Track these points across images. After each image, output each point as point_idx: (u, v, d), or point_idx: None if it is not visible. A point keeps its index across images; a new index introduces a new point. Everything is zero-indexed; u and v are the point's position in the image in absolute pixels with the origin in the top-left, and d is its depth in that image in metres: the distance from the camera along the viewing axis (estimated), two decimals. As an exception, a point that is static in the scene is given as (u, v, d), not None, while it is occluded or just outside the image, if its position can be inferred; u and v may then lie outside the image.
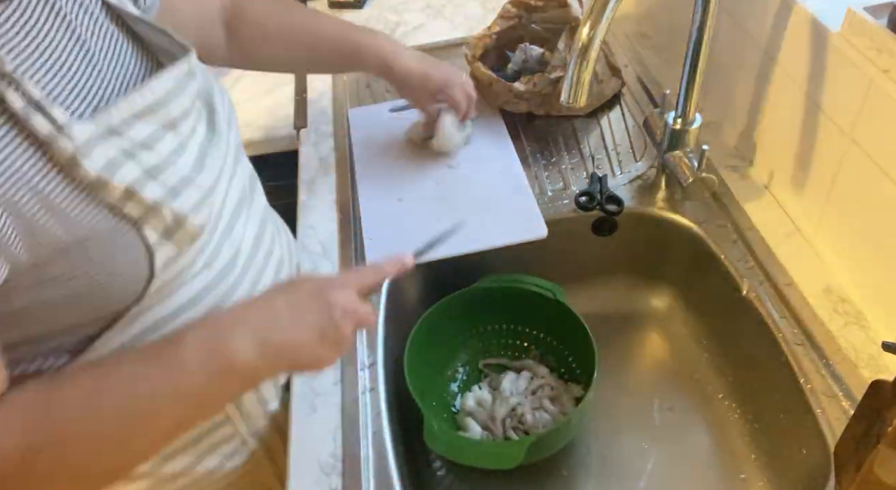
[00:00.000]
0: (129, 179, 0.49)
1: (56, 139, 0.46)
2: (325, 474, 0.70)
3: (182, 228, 0.53)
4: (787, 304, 0.78)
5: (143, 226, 0.51)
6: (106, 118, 0.50)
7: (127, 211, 0.50)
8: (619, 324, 0.98)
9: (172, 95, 0.56)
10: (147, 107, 0.53)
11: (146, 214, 0.51)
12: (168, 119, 0.55)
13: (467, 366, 0.93)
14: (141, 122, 0.53)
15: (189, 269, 0.58)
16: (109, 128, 0.50)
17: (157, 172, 0.52)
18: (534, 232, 0.86)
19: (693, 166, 0.84)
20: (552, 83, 0.98)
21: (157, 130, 0.54)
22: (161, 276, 0.54)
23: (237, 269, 0.64)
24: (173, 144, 0.55)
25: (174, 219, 0.52)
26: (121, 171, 0.49)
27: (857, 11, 0.67)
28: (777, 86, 0.84)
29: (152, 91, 0.54)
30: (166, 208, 0.52)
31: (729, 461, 0.82)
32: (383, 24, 1.33)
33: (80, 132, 0.47)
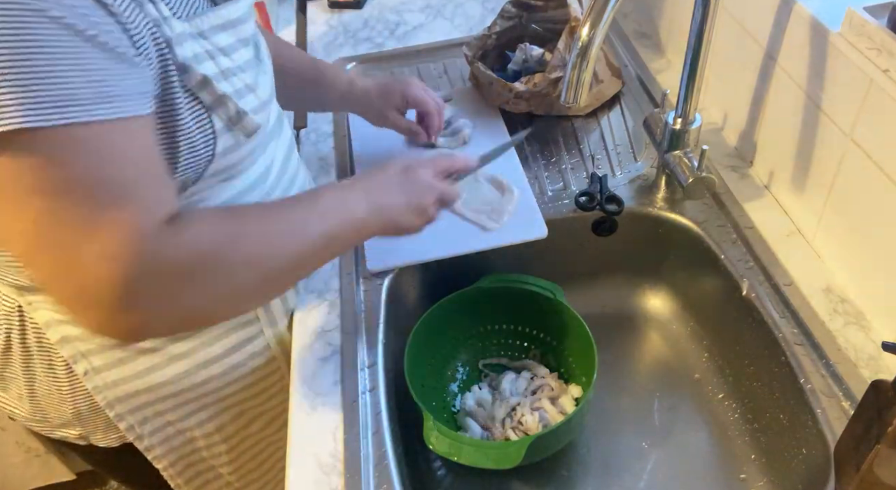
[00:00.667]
0: (209, 73, 0.59)
1: (161, 24, 0.55)
2: (325, 474, 0.70)
3: (241, 122, 0.63)
4: (787, 304, 0.78)
5: (212, 113, 0.60)
6: (198, 23, 0.59)
7: (201, 96, 0.59)
8: (619, 324, 0.98)
9: (247, 17, 0.66)
10: (230, 20, 0.63)
11: (215, 103, 0.60)
12: (244, 36, 0.66)
13: (467, 366, 0.93)
14: (224, 33, 0.62)
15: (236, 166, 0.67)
16: (200, 31, 0.59)
17: (229, 74, 0.62)
18: (534, 232, 0.86)
19: (693, 166, 0.84)
20: (552, 83, 0.98)
21: (236, 43, 0.64)
22: (218, 161, 0.63)
23: (269, 181, 0.74)
24: (246, 57, 0.65)
25: (237, 112, 0.62)
26: (203, 64, 0.58)
27: (857, 11, 0.67)
28: (777, 86, 0.84)
29: (236, 8, 0.64)
30: (231, 101, 0.61)
31: (729, 461, 0.82)
32: (383, 24, 1.33)
33: (177, 26, 0.56)
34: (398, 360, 0.81)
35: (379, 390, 0.76)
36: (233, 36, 0.64)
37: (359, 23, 1.35)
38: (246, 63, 0.65)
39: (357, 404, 0.75)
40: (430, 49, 1.24)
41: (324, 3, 1.41)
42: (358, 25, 1.34)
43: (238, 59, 0.64)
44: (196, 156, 0.61)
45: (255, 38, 0.71)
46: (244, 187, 0.71)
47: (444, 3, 1.37)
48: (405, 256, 0.86)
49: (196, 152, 0.61)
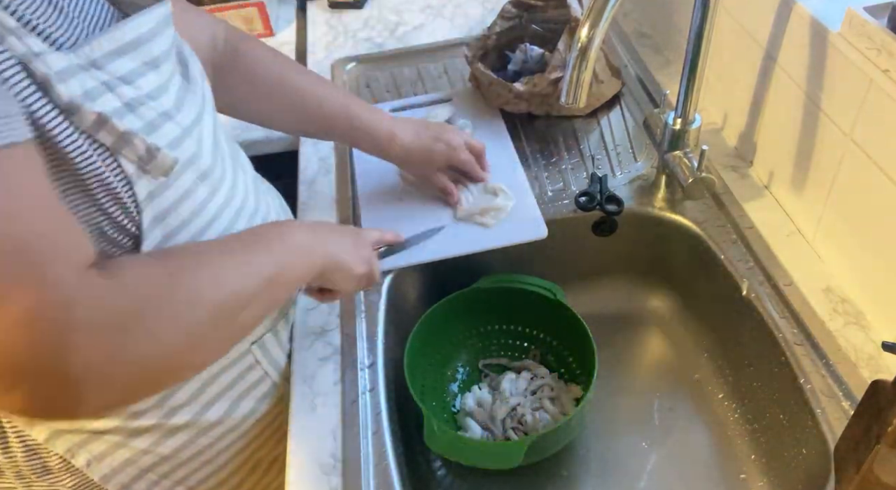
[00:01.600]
0: (106, 109, 0.51)
1: (31, 62, 0.46)
2: (325, 474, 0.70)
3: (154, 160, 0.54)
4: (787, 304, 0.78)
5: (117, 155, 0.52)
6: (87, 51, 0.51)
7: (100, 138, 0.51)
8: (619, 324, 0.98)
9: (153, 34, 0.57)
10: (128, 43, 0.54)
11: (118, 143, 0.52)
12: (150, 57, 0.57)
13: (467, 366, 0.93)
14: (123, 58, 0.54)
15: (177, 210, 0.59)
16: (91, 60, 0.51)
17: (136, 105, 0.54)
18: (534, 233, 0.86)
19: (693, 166, 0.84)
20: (552, 83, 0.98)
21: (140, 67, 0.55)
22: (149, 210, 0.56)
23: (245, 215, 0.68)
24: (155, 83, 0.57)
25: (146, 149, 0.53)
26: (99, 100, 0.50)
27: (857, 11, 0.67)
28: (777, 86, 0.84)
29: (134, 27, 0.55)
30: (137, 138, 0.53)
31: (729, 461, 0.82)
32: (383, 24, 1.33)
33: (56, 61, 0.48)
34: (398, 360, 0.81)
35: (379, 390, 0.76)
36: (134, 60, 0.55)
37: (359, 23, 1.35)
38: (158, 88, 0.57)
39: (357, 404, 0.75)
40: (430, 49, 1.24)
41: (324, 3, 1.41)
42: (358, 25, 1.34)
43: (145, 85, 0.56)
44: (121, 205, 0.54)
45: (179, 54, 0.64)
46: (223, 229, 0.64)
47: (444, 3, 1.37)
48: (405, 257, 0.86)
49: (120, 200, 0.54)
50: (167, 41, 0.59)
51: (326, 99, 0.84)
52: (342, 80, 1.20)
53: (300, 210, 0.97)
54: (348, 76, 1.21)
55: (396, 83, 1.17)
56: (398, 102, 1.10)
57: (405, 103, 1.10)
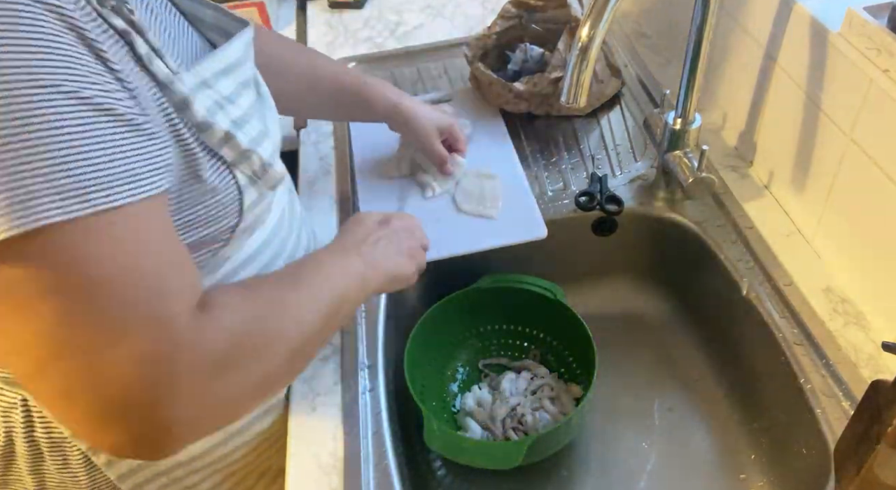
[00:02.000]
0: (225, 126, 0.54)
1: (172, 82, 0.49)
2: (325, 474, 0.70)
3: (266, 174, 0.59)
4: (787, 304, 0.78)
5: (235, 169, 0.56)
6: (200, 71, 0.54)
7: (223, 153, 0.54)
8: (619, 324, 0.98)
9: (245, 58, 0.62)
10: (230, 64, 0.58)
11: (239, 158, 0.55)
12: (245, 78, 0.61)
13: (467, 366, 0.93)
14: (225, 79, 0.58)
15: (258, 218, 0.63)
16: (204, 80, 0.54)
17: (242, 123, 0.57)
18: (534, 232, 0.86)
19: (693, 166, 0.84)
20: (552, 83, 0.98)
21: (238, 87, 0.59)
22: (247, 217, 0.59)
23: (284, 229, 0.70)
24: (250, 100, 0.61)
25: (261, 164, 0.58)
26: (218, 116, 0.54)
27: (857, 11, 0.67)
28: (777, 86, 0.84)
29: (234, 50, 0.59)
30: (255, 154, 0.57)
31: (729, 461, 0.82)
32: (383, 24, 1.33)
33: (188, 79, 0.52)
34: (398, 360, 0.81)
35: (379, 390, 0.76)
36: (234, 80, 0.59)
37: (359, 23, 1.35)
38: (251, 107, 0.61)
39: (357, 404, 0.74)
40: (430, 49, 1.24)
41: (324, 3, 1.40)
42: (358, 25, 1.34)
43: (244, 104, 0.59)
44: (225, 218, 0.57)
45: (254, 76, 0.67)
46: (264, 239, 0.67)
47: (444, 3, 1.37)
48: None
49: (225, 214, 0.57)
50: (252, 65, 0.64)
51: (333, 68, 0.88)
52: (342, 80, 1.20)
53: (300, 210, 0.97)
54: (348, 76, 1.21)
55: (396, 83, 1.17)
56: None
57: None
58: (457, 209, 0.91)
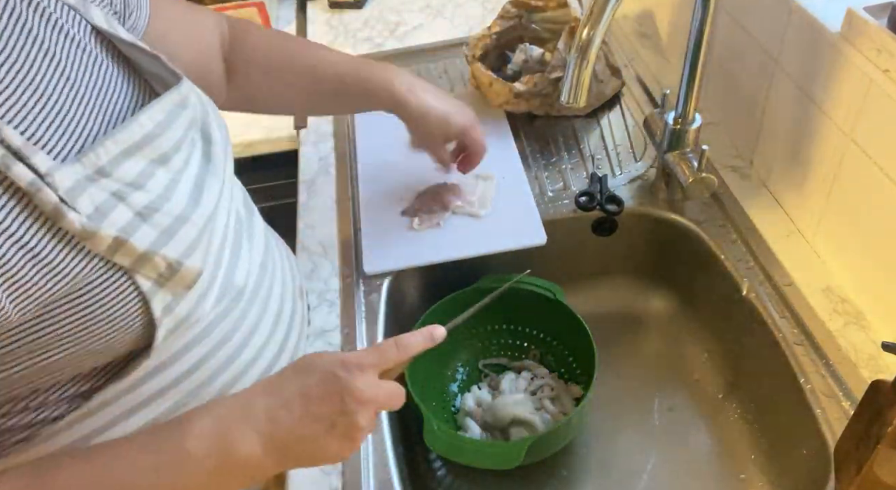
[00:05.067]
0: (120, 224, 0.47)
1: (39, 190, 0.43)
2: (325, 474, 0.70)
3: (177, 274, 0.50)
4: (787, 304, 0.78)
5: (135, 274, 0.48)
6: (93, 159, 0.47)
7: (116, 260, 0.47)
8: (619, 324, 0.98)
9: (163, 128, 0.52)
10: (135, 143, 0.50)
11: (137, 263, 0.48)
12: (158, 153, 0.52)
13: (467, 366, 0.92)
14: (130, 160, 0.49)
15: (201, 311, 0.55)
16: (97, 169, 0.47)
17: (149, 213, 0.49)
18: (533, 239, 0.87)
19: (693, 166, 0.83)
20: (552, 83, 0.98)
21: (148, 166, 0.51)
22: (164, 324, 0.51)
23: (244, 301, 0.61)
24: (165, 180, 0.52)
25: (167, 265, 0.50)
26: (111, 215, 0.47)
27: (857, 11, 0.67)
28: (777, 86, 0.84)
29: (141, 125, 0.50)
30: (158, 256, 0.49)
31: (729, 461, 0.82)
32: (383, 24, 1.33)
33: (65, 178, 0.44)
34: (398, 360, 0.81)
35: (379, 390, 0.76)
36: (141, 160, 0.50)
37: (359, 23, 1.35)
38: (169, 185, 0.52)
39: (357, 404, 0.74)
40: (430, 49, 1.24)
41: (324, 3, 1.41)
42: (358, 25, 1.34)
43: (156, 186, 0.50)
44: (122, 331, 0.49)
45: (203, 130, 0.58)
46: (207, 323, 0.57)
47: (444, 3, 1.37)
48: (403, 260, 0.87)
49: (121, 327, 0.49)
50: (180, 129, 0.54)
51: (333, 59, 0.80)
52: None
53: (300, 210, 0.97)
54: (348, 76, 1.21)
55: (396, 83, 1.17)
56: None
57: None
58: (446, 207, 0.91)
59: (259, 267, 0.64)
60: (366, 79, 0.78)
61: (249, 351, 0.62)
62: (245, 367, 0.61)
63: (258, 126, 1.14)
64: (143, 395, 0.55)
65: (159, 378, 0.55)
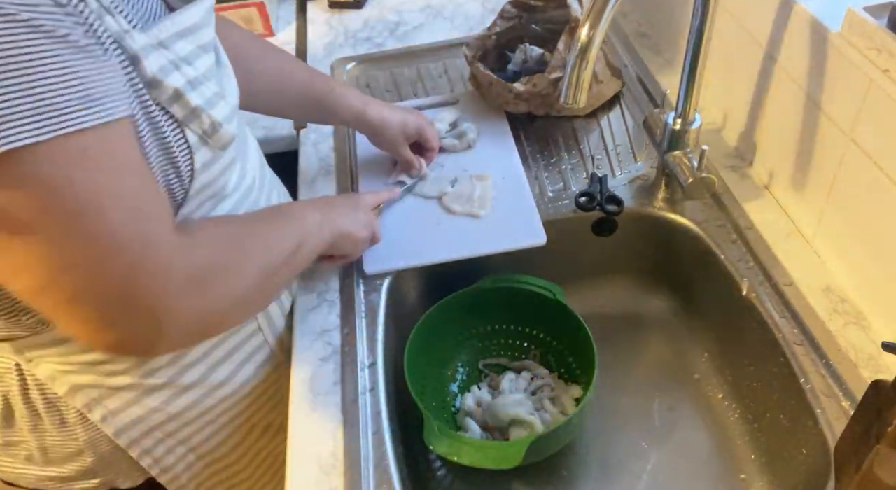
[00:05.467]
0: (177, 84, 0.56)
1: (123, 37, 0.51)
2: (325, 474, 0.70)
3: (217, 133, 0.60)
4: (787, 304, 0.78)
5: (186, 127, 0.58)
6: (156, 32, 0.55)
7: (173, 111, 0.56)
8: (619, 324, 0.98)
9: (205, 22, 0.63)
10: (188, 27, 0.59)
11: (189, 116, 0.57)
12: (203, 42, 0.62)
13: (467, 366, 0.93)
14: (182, 41, 0.59)
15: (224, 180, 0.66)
16: (159, 41, 0.56)
17: (196, 84, 0.58)
18: (533, 239, 0.87)
19: (693, 166, 0.83)
20: (552, 83, 0.98)
21: (196, 50, 0.60)
22: (200, 178, 0.61)
23: (255, 191, 0.75)
24: (208, 63, 0.62)
25: (211, 124, 0.59)
26: (170, 76, 0.55)
27: (857, 11, 0.67)
28: (777, 86, 0.84)
29: (192, 15, 0.60)
30: (205, 113, 0.59)
31: (729, 461, 0.82)
32: (383, 24, 1.33)
33: (139, 38, 0.53)
34: (398, 360, 0.81)
35: (379, 390, 0.76)
36: (192, 43, 0.60)
37: (359, 23, 1.35)
38: (209, 70, 0.62)
39: (357, 404, 0.75)
40: (430, 49, 1.24)
41: (324, 3, 1.41)
42: (358, 25, 1.34)
43: (201, 67, 0.61)
44: (178, 173, 0.59)
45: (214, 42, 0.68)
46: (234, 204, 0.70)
47: (444, 3, 1.37)
48: (402, 260, 0.87)
49: (178, 169, 0.59)
50: (212, 30, 0.65)
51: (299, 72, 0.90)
52: (342, 80, 1.20)
53: (300, 210, 0.97)
54: (348, 76, 1.21)
55: (396, 83, 1.17)
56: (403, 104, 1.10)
57: (410, 105, 1.09)
58: (448, 211, 0.92)
59: (259, 169, 0.78)
60: (328, 95, 0.90)
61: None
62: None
63: (258, 126, 1.14)
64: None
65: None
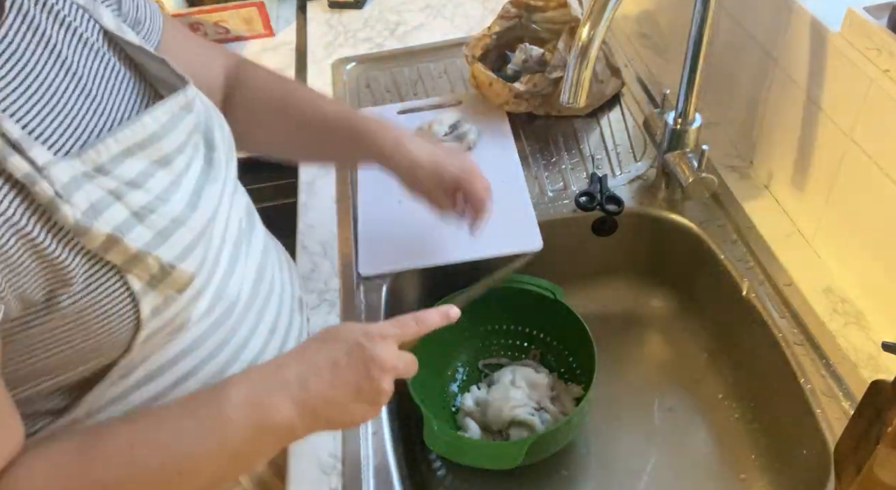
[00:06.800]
0: (115, 223, 0.47)
1: (34, 183, 0.43)
2: (325, 474, 0.70)
3: (169, 276, 0.51)
4: (787, 304, 0.78)
5: (126, 274, 0.49)
6: (93, 155, 0.47)
7: (109, 258, 0.47)
8: (619, 324, 0.98)
9: (166, 130, 0.53)
10: (137, 143, 0.51)
11: (130, 262, 0.48)
12: (161, 155, 0.53)
13: (467, 366, 0.92)
14: (131, 159, 0.50)
15: (187, 315, 0.55)
16: (97, 166, 0.48)
17: (145, 213, 0.50)
18: (529, 244, 0.86)
19: (693, 166, 0.83)
20: (552, 83, 0.98)
21: (149, 167, 0.51)
22: (149, 326, 0.51)
23: (237, 312, 0.61)
24: (165, 182, 0.52)
25: (160, 267, 0.50)
26: (106, 213, 0.47)
27: (857, 11, 0.67)
28: (777, 86, 0.84)
29: (144, 126, 0.51)
30: (151, 257, 0.49)
31: (729, 461, 0.82)
32: (383, 24, 1.33)
33: (62, 173, 0.45)
34: (398, 360, 0.81)
35: (379, 390, 0.76)
36: (143, 160, 0.51)
37: (359, 23, 1.35)
38: (169, 187, 0.52)
39: (357, 404, 0.74)
40: (430, 49, 1.24)
41: (324, 3, 1.41)
42: (358, 25, 1.34)
43: (155, 186, 0.51)
44: (113, 328, 0.50)
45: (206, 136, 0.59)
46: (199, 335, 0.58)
47: (444, 3, 1.37)
48: (399, 262, 0.86)
49: (111, 324, 0.49)
50: (183, 133, 0.55)
51: (325, 106, 0.77)
52: (342, 80, 1.20)
53: (300, 210, 0.97)
54: (348, 76, 1.21)
55: (396, 83, 1.17)
56: (404, 105, 1.10)
57: (411, 105, 1.09)
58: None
59: (254, 279, 0.64)
60: (353, 127, 0.74)
61: (238, 366, 0.63)
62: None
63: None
64: (130, 405, 0.56)
65: (145, 389, 0.56)
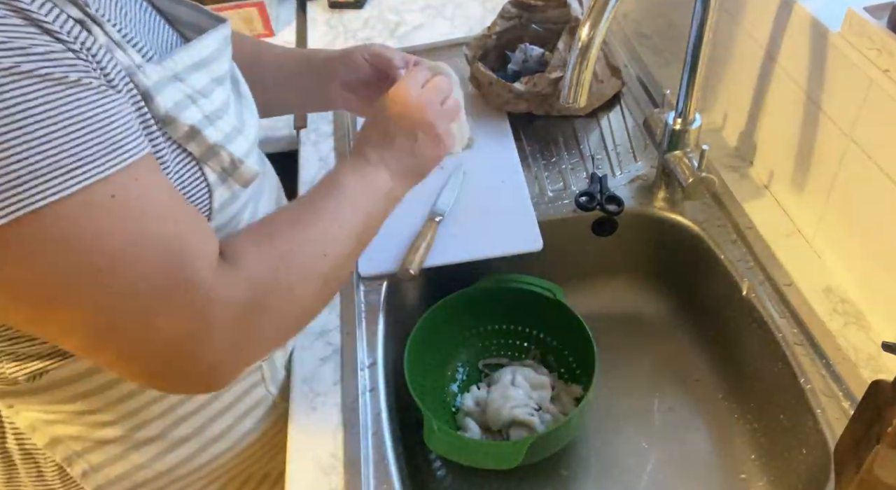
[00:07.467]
0: (193, 121, 0.53)
1: (135, 73, 0.49)
2: (324, 474, 0.70)
3: (238, 170, 0.57)
4: (787, 304, 0.78)
5: (204, 165, 0.55)
6: (171, 64, 0.53)
7: (189, 148, 0.53)
8: (619, 324, 0.98)
9: (218, 54, 0.60)
10: (203, 59, 0.57)
11: (206, 154, 0.54)
12: (217, 74, 0.59)
13: (467, 366, 0.92)
14: (198, 73, 0.56)
15: (240, 219, 0.62)
16: (175, 73, 0.53)
17: (214, 118, 0.55)
18: (529, 244, 0.86)
19: (693, 166, 0.83)
20: (552, 83, 0.98)
21: (210, 82, 0.57)
22: (217, 219, 0.58)
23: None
24: (223, 97, 0.59)
25: (231, 161, 0.56)
26: (186, 112, 0.52)
27: (857, 11, 0.67)
28: (777, 86, 0.84)
29: (205, 46, 0.57)
30: (224, 150, 0.55)
31: (729, 461, 0.82)
32: (383, 24, 1.33)
33: (152, 72, 0.50)
34: (398, 360, 0.81)
35: (379, 390, 0.76)
36: (207, 75, 0.57)
37: (359, 23, 1.35)
38: (226, 103, 0.59)
39: (357, 404, 0.75)
40: (430, 49, 1.24)
41: (324, 3, 1.41)
42: (358, 25, 1.34)
43: (218, 99, 0.58)
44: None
45: (232, 73, 0.65)
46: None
47: (444, 3, 1.37)
48: (398, 263, 0.86)
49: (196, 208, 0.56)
50: (228, 61, 0.62)
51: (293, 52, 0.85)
52: (342, 80, 1.20)
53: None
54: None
55: (396, 83, 1.17)
56: None
57: None
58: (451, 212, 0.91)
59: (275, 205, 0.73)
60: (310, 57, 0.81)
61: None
62: None
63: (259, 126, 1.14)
64: None
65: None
